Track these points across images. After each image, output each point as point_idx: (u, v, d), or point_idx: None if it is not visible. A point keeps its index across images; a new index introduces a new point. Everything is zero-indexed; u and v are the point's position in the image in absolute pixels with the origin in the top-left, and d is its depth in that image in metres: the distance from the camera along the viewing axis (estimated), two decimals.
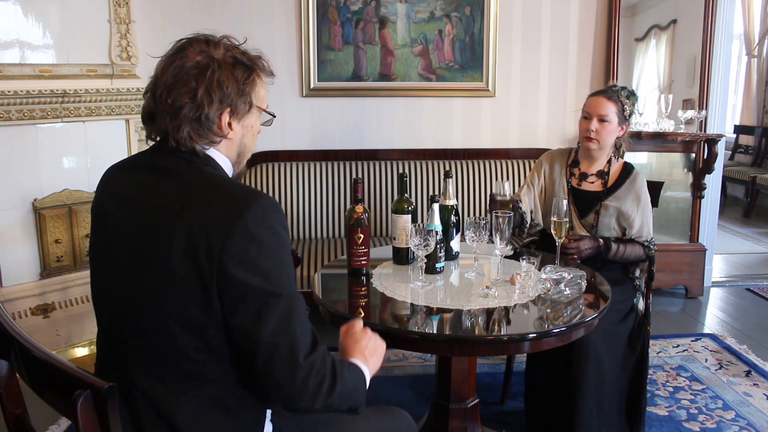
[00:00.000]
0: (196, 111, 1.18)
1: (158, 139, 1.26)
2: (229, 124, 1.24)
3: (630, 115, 2.40)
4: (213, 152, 1.25)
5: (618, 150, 2.44)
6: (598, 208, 2.39)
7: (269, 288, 1.12)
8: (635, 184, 2.40)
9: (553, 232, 2.06)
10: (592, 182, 2.44)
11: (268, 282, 1.12)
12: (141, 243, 1.17)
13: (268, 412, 1.31)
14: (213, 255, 1.09)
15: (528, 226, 2.48)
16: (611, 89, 2.39)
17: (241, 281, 1.10)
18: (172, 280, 1.12)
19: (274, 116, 1.35)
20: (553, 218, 2.05)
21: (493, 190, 2.22)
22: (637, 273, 2.45)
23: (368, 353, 1.37)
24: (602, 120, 2.34)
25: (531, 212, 2.48)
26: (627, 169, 2.44)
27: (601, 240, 2.31)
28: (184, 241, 1.11)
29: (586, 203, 2.42)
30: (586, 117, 2.38)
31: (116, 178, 1.30)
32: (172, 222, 1.13)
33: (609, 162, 2.44)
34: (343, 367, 1.24)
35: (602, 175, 2.43)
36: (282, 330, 1.13)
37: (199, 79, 1.18)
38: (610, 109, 2.34)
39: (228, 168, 1.29)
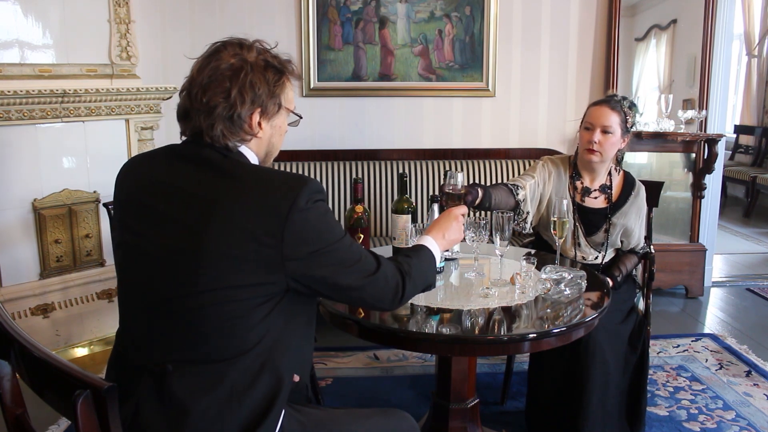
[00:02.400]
0: (229, 110, 1.26)
1: (191, 135, 1.32)
2: (259, 124, 1.31)
3: (632, 127, 2.29)
4: (244, 149, 1.32)
5: (619, 163, 2.37)
6: (607, 227, 2.32)
7: (329, 247, 1.26)
8: (638, 198, 2.35)
9: (553, 231, 2.05)
10: (596, 197, 2.34)
11: (329, 243, 1.26)
12: (187, 226, 1.21)
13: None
14: (275, 238, 1.18)
15: (524, 220, 2.32)
16: (613, 99, 2.27)
17: (308, 254, 1.23)
18: (226, 262, 1.18)
19: (301, 117, 1.44)
20: (554, 218, 2.03)
21: (444, 182, 1.92)
22: (633, 272, 2.45)
23: (447, 235, 1.64)
24: (605, 131, 2.21)
25: (528, 213, 2.33)
26: (629, 182, 2.37)
27: (610, 282, 2.23)
28: (239, 225, 1.18)
29: (592, 221, 2.34)
30: (588, 128, 2.25)
31: (145, 167, 1.35)
32: (221, 207, 1.19)
33: (609, 174, 2.35)
34: (411, 262, 1.45)
35: (605, 189, 2.34)
36: (351, 268, 1.30)
37: (233, 81, 1.26)
38: (614, 120, 2.21)
39: (256, 164, 1.35)
